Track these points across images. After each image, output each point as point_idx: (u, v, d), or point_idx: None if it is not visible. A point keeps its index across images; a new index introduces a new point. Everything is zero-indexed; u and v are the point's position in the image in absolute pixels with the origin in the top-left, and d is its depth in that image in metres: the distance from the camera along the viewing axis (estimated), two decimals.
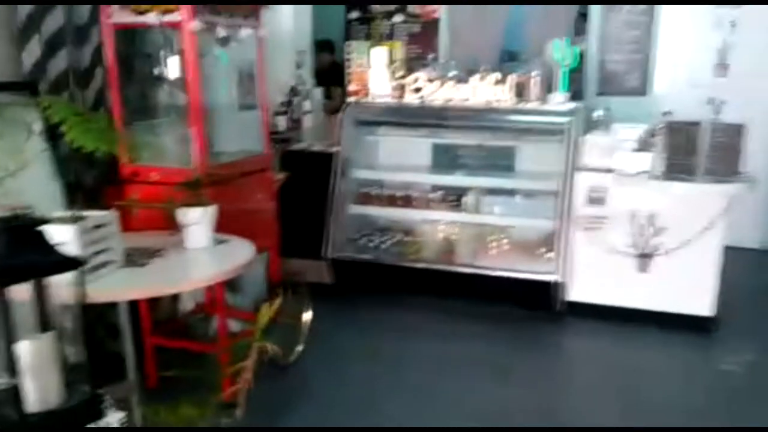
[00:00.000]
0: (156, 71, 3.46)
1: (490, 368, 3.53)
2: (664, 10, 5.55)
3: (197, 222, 2.63)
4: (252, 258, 2.60)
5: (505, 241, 4.37)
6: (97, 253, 2.29)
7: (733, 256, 4.05)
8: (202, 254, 2.63)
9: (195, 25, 2.92)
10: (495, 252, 4.32)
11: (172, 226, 2.73)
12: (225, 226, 2.82)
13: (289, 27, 4.88)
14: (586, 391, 3.38)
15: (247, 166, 3.53)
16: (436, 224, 4.54)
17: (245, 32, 3.39)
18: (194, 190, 2.71)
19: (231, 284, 3.70)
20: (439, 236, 4.52)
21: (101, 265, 2.31)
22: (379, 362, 3.59)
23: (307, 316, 3.62)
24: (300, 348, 3.54)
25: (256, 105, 3.77)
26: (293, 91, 4.72)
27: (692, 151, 3.79)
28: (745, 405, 3.21)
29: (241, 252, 2.63)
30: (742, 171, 3.80)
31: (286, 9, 4.86)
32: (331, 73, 5.60)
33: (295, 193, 4.31)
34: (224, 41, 3.38)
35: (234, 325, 3.49)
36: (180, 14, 2.94)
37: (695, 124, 3.80)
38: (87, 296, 1.42)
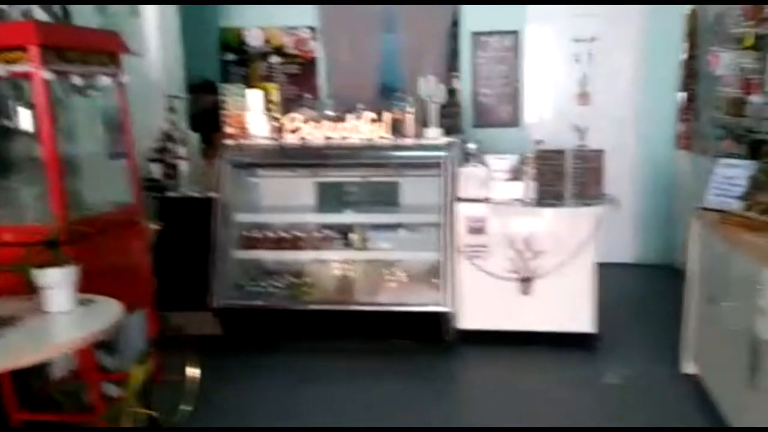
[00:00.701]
0: (10, 124, 3.23)
1: (387, 407, 3.50)
2: (526, 45, 5.89)
3: (56, 284, 2.44)
4: (119, 318, 2.44)
5: (395, 275, 4.37)
6: None
7: (609, 272, 4.27)
8: (64, 318, 2.45)
9: (45, 74, 2.74)
10: (385, 288, 4.31)
11: (30, 289, 2.53)
12: (92, 284, 2.63)
13: (158, 71, 4.73)
14: (480, 416, 3.43)
15: (116, 218, 3.34)
16: (326, 264, 4.48)
17: (105, 80, 3.23)
18: (52, 249, 2.52)
19: (106, 346, 3.47)
20: (330, 276, 4.45)
21: None
22: (274, 413, 3.46)
23: (192, 372, 3.42)
24: (186, 408, 3.33)
25: (125, 153, 3.60)
26: (167, 137, 4.55)
27: (559, 177, 4.01)
28: (631, 416, 3.35)
29: (107, 312, 2.47)
30: (606, 193, 4.05)
31: (155, 53, 4.72)
32: (214, 114, 5.43)
33: (175, 243, 4.13)
34: (81, 90, 3.21)
35: (113, 390, 3.25)
36: (28, 64, 2.76)
37: (560, 152, 4.03)
38: None
